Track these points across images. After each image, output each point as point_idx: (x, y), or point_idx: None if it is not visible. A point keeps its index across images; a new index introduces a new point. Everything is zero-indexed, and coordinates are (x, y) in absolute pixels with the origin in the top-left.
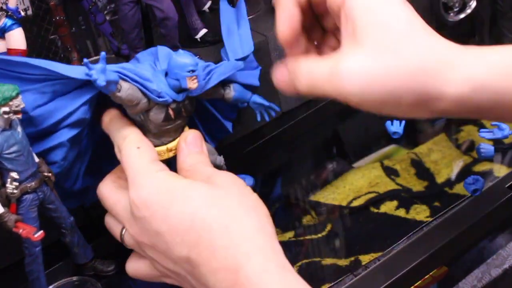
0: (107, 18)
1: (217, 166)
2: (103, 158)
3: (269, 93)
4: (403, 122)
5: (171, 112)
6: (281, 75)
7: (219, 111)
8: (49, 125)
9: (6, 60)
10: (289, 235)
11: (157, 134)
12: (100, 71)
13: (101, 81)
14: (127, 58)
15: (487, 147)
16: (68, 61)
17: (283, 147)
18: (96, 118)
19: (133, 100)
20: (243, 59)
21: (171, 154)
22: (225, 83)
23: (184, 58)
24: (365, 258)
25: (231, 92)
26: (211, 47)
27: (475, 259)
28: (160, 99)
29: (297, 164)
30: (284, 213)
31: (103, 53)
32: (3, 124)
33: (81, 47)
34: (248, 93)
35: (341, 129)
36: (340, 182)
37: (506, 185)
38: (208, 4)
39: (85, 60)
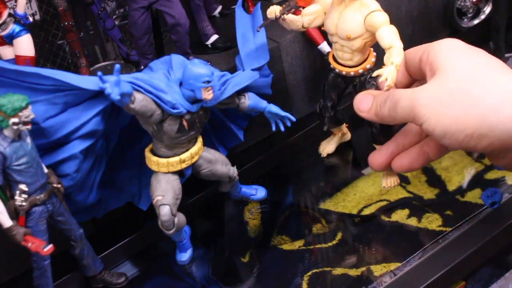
0: (116, 23)
1: (230, 178)
2: (116, 169)
3: (281, 101)
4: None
5: (185, 123)
6: (364, 102)
7: (231, 120)
8: (60, 137)
9: (17, 70)
10: (299, 243)
11: (170, 145)
12: (114, 84)
13: (115, 95)
14: (136, 64)
15: None
16: (76, 66)
17: (294, 155)
18: (110, 128)
19: (147, 111)
20: (259, 69)
21: (184, 165)
22: (239, 92)
23: (199, 68)
24: (377, 269)
25: (246, 101)
26: (222, 53)
27: (493, 273)
28: (175, 111)
29: (308, 171)
30: (294, 221)
31: (117, 66)
32: (12, 135)
33: (89, 53)
34: (263, 102)
35: (351, 136)
36: (351, 189)
37: None
38: (219, 9)
39: (99, 73)
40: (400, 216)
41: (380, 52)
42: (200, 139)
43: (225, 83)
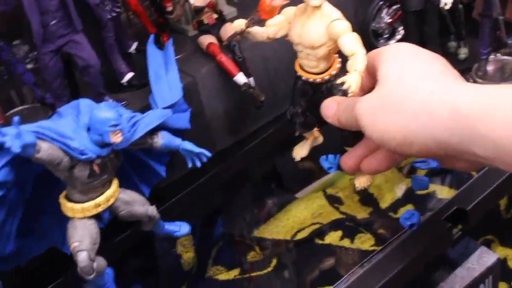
0: (30, 66)
1: (150, 217)
2: (35, 217)
3: (201, 134)
4: (338, 156)
5: (96, 168)
6: (329, 108)
7: (151, 157)
8: None
9: None
10: (235, 273)
11: (83, 190)
12: (15, 137)
13: (16, 148)
14: (52, 107)
15: (421, 179)
16: None
17: (221, 186)
18: (23, 176)
19: (55, 160)
20: (172, 106)
21: (99, 209)
22: (152, 131)
23: (105, 112)
24: None
25: (159, 140)
26: (139, 91)
27: None
28: (83, 156)
29: (238, 201)
30: (228, 251)
31: (16, 118)
32: None
33: (5, 98)
34: (176, 139)
35: (281, 161)
36: (283, 215)
37: (443, 217)
38: (135, 45)
39: None
40: (333, 238)
41: (345, 57)
42: (115, 181)
43: (135, 124)
